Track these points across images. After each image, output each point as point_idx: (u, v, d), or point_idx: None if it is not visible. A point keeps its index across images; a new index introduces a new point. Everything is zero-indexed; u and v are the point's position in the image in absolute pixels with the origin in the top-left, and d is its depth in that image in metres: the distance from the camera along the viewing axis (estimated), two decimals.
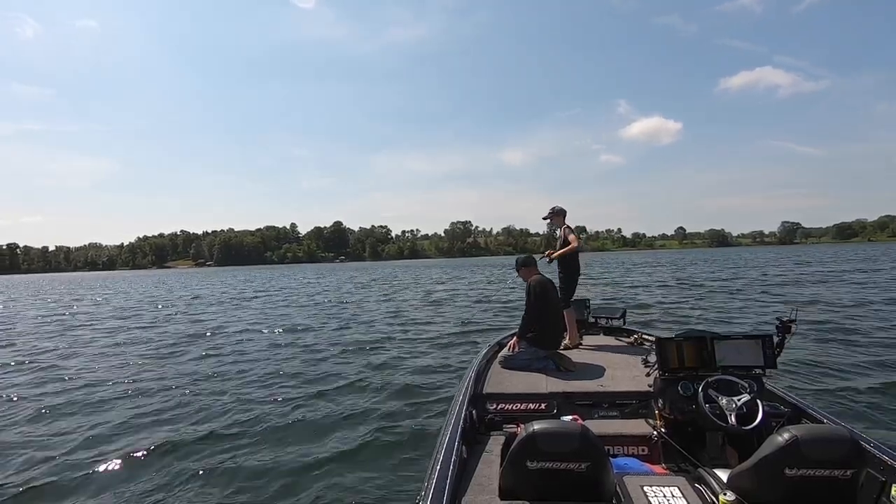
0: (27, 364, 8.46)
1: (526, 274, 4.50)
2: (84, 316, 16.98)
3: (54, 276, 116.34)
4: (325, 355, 8.24)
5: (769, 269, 29.23)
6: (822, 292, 15.45)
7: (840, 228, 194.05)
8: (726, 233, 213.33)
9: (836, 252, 63.79)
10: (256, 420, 5.04)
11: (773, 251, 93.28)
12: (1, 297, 30.93)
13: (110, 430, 4.96)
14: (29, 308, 21.56)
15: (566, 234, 5.13)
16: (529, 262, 4.59)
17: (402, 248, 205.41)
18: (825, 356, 6.77)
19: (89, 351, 9.58)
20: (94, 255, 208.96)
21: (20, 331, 13.45)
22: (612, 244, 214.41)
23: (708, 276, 26.14)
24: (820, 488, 1.72)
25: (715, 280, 22.78)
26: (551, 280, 4.47)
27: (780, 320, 2.85)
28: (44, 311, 19.82)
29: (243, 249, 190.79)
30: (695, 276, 25.74)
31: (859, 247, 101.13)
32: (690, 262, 49.87)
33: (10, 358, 9.04)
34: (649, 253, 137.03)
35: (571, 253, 5.10)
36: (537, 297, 4.24)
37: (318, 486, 3.62)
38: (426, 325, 11.48)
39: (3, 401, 6.18)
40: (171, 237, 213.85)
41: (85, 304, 22.92)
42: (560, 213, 5.30)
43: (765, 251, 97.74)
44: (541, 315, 4.20)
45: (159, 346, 9.95)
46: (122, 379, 7.07)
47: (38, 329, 13.69)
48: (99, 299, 25.20)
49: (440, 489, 1.97)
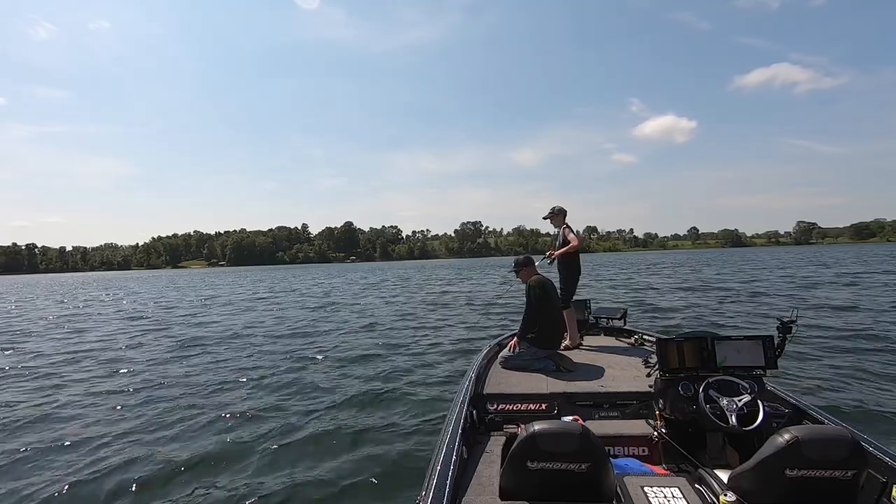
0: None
1: (525, 275, 4.49)
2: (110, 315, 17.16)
3: (70, 276, 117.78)
4: (327, 355, 8.27)
5: (804, 270, 27.24)
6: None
7: (858, 228, 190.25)
8: (740, 233, 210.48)
9: (858, 252, 61.59)
10: (256, 420, 5.07)
11: (791, 251, 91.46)
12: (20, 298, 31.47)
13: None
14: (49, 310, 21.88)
15: (566, 233, 5.11)
16: (528, 263, 4.57)
17: (412, 248, 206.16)
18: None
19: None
20: (109, 255, 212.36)
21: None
22: (623, 244, 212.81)
23: (729, 277, 24.80)
24: (821, 489, 1.71)
25: (745, 282, 20.91)
26: (551, 280, 4.45)
27: (781, 321, 2.83)
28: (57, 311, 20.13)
29: (255, 250, 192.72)
30: (715, 279, 23.85)
31: (879, 247, 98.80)
32: (705, 262, 48.59)
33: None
34: (670, 253, 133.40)
35: (572, 253, 5.08)
36: (537, 297, 4.23)
37: (319, 486, 3.63)
38: (433, 328, 11.43)
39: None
40: (185, 237, 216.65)
41: (106, 306, 23.12)
42: (560, 212, 5.26)
43: (782, 251, 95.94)
44: (540, 315, 4.19)
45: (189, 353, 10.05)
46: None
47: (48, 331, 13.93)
48: (125, 303, 24.99)
49: (440, 489, 1.98)
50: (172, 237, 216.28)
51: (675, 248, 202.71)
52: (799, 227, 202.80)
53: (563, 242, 5.15)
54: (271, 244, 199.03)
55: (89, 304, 22.62)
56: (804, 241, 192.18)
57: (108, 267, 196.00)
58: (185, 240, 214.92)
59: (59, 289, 40.39)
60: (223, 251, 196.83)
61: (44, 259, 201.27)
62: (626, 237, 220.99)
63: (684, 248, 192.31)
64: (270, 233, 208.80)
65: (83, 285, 47.86)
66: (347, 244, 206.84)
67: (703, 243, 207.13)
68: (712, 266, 38.91)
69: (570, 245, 5.03)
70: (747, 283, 20.28)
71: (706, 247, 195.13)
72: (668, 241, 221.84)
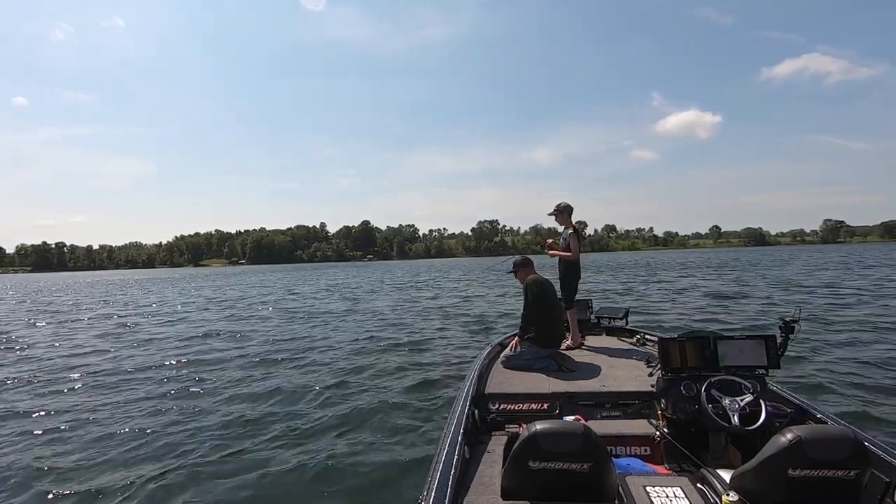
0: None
1: (523, 275, 4.53)
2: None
3: (111, 273, 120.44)
4: (328, 356, 8.30)
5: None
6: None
7: (888, 227, 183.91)
8: (764, 231, 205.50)
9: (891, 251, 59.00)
10: (255, 420, 5.13)
11: (817, 250, 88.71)
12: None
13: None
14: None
15: (571, 240, 5.07)
16: (526, 264, 4.61)
17: (428, 246, 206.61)
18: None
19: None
20: (134, 253, 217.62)
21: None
22: (643, 243, 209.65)
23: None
24: (823, 489, 1.70)
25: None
26: (549, 280, 4.46)
27: (784, 320, 2.80)
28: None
29: (274, 248, 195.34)
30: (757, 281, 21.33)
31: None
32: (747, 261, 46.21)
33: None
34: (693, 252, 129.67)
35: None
36: (535, 297, 4.25)
37: (319, 486, 3.67)
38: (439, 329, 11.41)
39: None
40: (207, 237, 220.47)
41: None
42: (565, 210, 5.16)
43: (810, 250, 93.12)
44: (539, 315, 4.20)
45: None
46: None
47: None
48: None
49: (442, 489, 1.99)
50: (194, 236, 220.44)
51: (697, 247, 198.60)
52: (826, 226, 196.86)
53: (564, 247, 5.12)
54: (290, 243, 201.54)
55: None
56: (831, 239, 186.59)
57: (132, 265, 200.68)
58: (206, 239, 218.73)
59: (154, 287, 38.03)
60: (243, 250, 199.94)
61: (72, 257, 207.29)
62: (646, 236, 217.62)
63: (706, 248, 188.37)
64: (289, 232, 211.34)
65: (172, 282, 46.80)
66: (365, 243, 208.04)
67: (725, 242, 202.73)
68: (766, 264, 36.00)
69: (566, 255, 5.05)
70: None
71: (728, 245, 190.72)
72: (689, 239, 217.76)
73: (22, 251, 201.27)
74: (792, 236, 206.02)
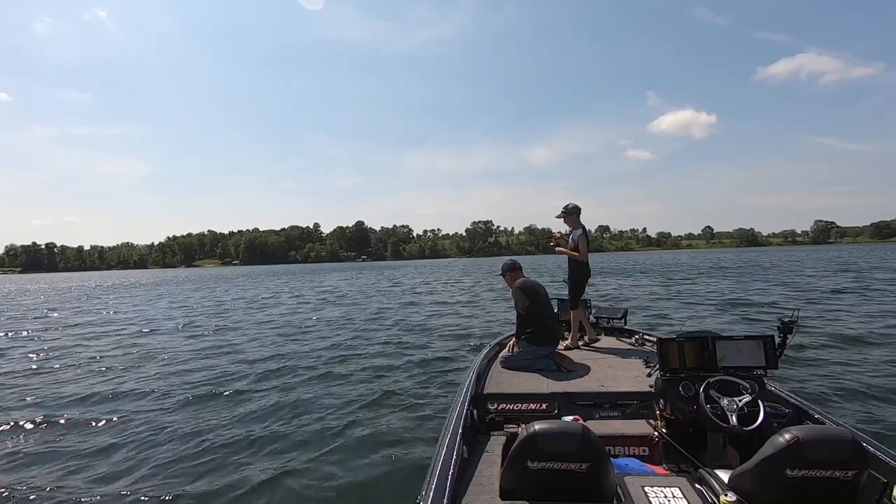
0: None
1: (511, 279, 4.58)
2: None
3: (114, 273, 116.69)
4: (328, 356, 8.27)
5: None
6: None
7: (878, 227, 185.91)
8: (756, 232, 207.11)
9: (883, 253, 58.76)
10: (254, 421, 5.10)
11: (806, 250, 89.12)
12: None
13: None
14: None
15: (579, 242, 5.02)
16: (514, 268, 4.67)
17: (423, 247, 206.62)
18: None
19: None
20: (126, 254, 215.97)
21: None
22: (636, 244, 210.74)
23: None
24: (821, 489, 1.70)
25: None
26: (538, 282, 4.51)
27: (782, 321, 2.81)
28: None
29: (268, 249, 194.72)
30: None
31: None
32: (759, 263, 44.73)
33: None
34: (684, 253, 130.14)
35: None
36: (522, 299, 4.29)
37: (319, 485, 3.65)
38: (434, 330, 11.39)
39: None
40: (199, 237, 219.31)
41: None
42: (574, 211, 5.11)
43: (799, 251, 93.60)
44: (532, 315, 4.22)
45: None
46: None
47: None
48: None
49: (441, 489, 1.99)
50: (187, 236, 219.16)
51: (689, 247, 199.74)
52: (816, 227, 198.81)
53: (574, 247, 5.07)
54: (283, 244, 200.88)
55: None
56: (822, 240, 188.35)
57: (124, 266, 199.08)
58: (199, 239, 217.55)
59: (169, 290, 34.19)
60: (236, 250, 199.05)
61: (62, 258, 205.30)
62: (640, 236, 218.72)
63: (699, 248, 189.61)
64: (283, 232, 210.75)
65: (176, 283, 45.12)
66: (359, 244, 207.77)
67: (717, 243, 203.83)
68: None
69: (574, 254, 5.04)
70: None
71: (721, 246, 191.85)
72: (682, 240, 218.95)
73: (11, 252, 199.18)
74: (783, 237, 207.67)
